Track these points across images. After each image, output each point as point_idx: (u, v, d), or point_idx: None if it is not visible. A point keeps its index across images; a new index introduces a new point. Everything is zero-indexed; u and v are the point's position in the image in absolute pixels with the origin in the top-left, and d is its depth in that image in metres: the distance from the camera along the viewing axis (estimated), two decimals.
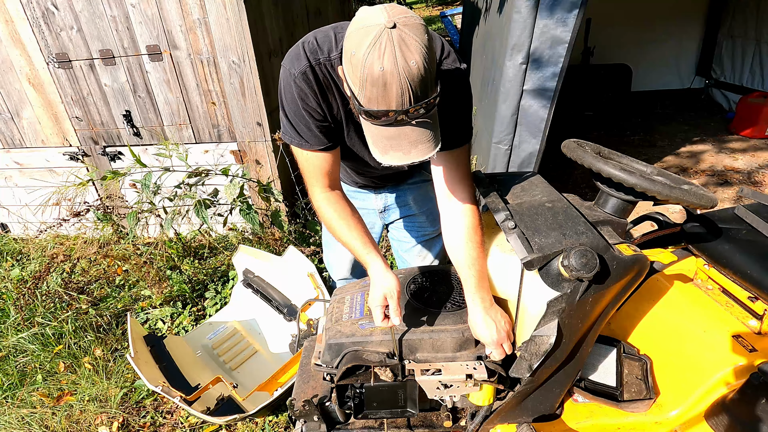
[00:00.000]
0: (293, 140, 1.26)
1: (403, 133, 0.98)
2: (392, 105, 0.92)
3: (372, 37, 0.89)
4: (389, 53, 0.88)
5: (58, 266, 3.09)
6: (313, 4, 3.91)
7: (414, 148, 0.99)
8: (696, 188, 1.17)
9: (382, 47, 0.88)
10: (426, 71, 0.91)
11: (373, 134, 1.02)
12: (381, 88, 0.91)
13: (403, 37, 0.89)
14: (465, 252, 1.20)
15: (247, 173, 3.00)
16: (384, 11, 0.91)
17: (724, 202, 3.76)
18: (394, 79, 0.89)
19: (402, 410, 1.28)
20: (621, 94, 5.88)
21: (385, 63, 0.88)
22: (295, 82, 1.16)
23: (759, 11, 5.13)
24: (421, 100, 0.93)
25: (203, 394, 1.85)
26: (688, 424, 1.15)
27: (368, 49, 0.89)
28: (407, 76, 0.89)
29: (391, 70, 0.88)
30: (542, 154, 2.84)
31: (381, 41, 0.88)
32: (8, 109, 3.17)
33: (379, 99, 0.92)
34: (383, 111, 0.93)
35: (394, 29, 0.88)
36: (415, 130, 0.98)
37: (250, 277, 2.51)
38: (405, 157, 1.00)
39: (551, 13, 2.43)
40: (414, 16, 0.93)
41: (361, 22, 0.92)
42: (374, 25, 0.89)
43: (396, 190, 1.70)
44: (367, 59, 0.89)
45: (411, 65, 0.89)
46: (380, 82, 0.90)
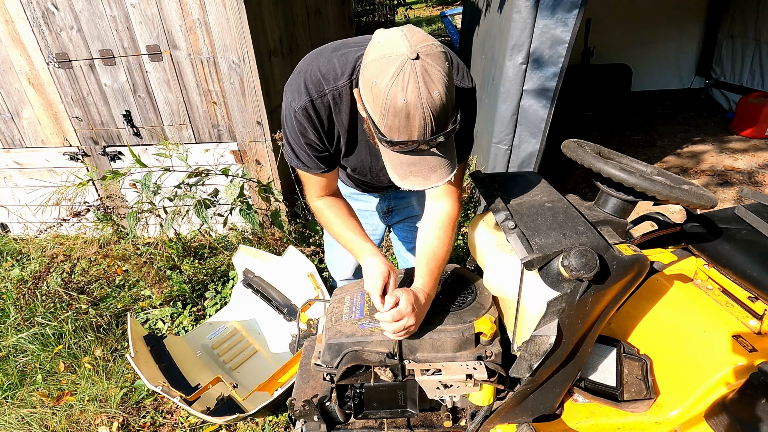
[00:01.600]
0: (292, 161, 1.29)
1: (423, 159, 0.98)
2: (414, 135, 0.93)
3: (395, 67, 0.88)
4: (413, 85, 0.87)
5: (58, 266, 3.09)
6: (313, 4, 3.91)
7: (433, 173, 1.00)
8: (696, 188, 1.17)
9: (406, 79, 0.87)
10: (447, 100, 0.91)
11: (393, 160, 1.02)
12: (404, 119, 0.91)
13: (426, 68, 0.88)
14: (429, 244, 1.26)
15: (247, 173, 3.00)
16: (405, 39, 0.90)
17: (724, 202, 3.76)
18: (417, 110, 0.89)
19: (402, 410, 1.28)
20: (621, 94, 5.88)
21: (409, 95, 0.88)
22: (295, 117, 1.17)
23: (759, 11, 5.13)
24: (442, 130, 0.94)
25: (203, 394, 1.85)
26: (688, 424, 1.15)
27: (391, 80, 0.88)
28: (430, 107, 0.89)
29: (414, 102, 0.88)
30: (542, 154, 2.84)
31: (404, 72, 0.87)
32: (8, 109, 3.17)
33: (401, 129, 0.92)
34: (404, 141, 0.94)
35: (417, 60, 0.87)
36: (434, 157, 0.99)
37: (250, 277, 2.51)
38: (424, 183, 1.01)
39: (551, 13, 2.43)
40: (435, 44, 0.92)
41: (383, 50, 0.91)
42: (397, 56, 0.88)
43: (400, 192, 1.70)
44: (390, 90, 0.88)
45: (434, 96, 0.89)
46: (403, 114, 0.90)
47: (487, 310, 1.24)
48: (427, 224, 1.31)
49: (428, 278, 1.21)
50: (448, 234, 1.28)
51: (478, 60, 4.41)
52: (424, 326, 1.18)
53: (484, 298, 1.28)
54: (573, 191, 4.25)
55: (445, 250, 1.27)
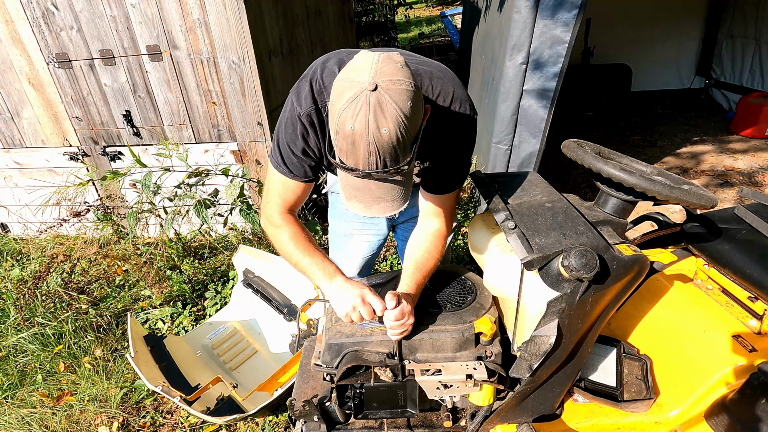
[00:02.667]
0: (279, 166, 1.25)
1: (367, 187, 0.98)
2: (359, 164, 0.93)
3: (351, 93, 0.88)
4: (362, 115, 0.87)
5: (58, 266, 3.09)
6: (313, 4, 3.91)
7: (376, 203, 1.00)
8: (696, 188, 1.17)
9: (357, 107, 0.87)
10: (399, 139, 0.90)
11: (342, 179, 1.03)
12: (350, 145, 0.91)
13: (381, 102, 0.87)
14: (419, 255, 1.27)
15: (247, 173, 3.00)
16: (372, 68, 0.89)
17: (724, 202, 3.76)
18: (362, 141, 0.89)
19: (402, 410, 1.28)
20: (621, 94, 5.88)
21: (356, 124, 0.88)
22: (300, 120, 1.16)
23: (759, 11, 5.13)
24: (388, 167, 0.93)
25: (203, 394, 1.85)
26: (688, 424, 1.15)
27: (345, 105, 0.88)
28: (376, 141, 0.89)
29: (360, 132, 0.88)
30: (542, 154, 2.84)
31: (358, 101, 0.87)
32: (8, 109, 3.17)
33: (348, 154, 0.93)
34: (350, 166, 0.95)
35: (374, 92, 0.87)
36: (380, 187, 0.98)
37: (250, 277, 2.51)
38: (366, 210, 1.02)
39: (551, 13, 2.43)
40: (403, 80, 0.90)
41: (350, 72, 0.92)
42: (357, 82, 0.88)
43: None
44: (342, 114, 0.89)
45: (382, 132, 0.88)
46: (349, 140, 0.90)
47: (487, 310, 1.24)
48: (417, 237, 1.32)
49: (414, 285, 1.22)
50: (437, 248, 1.29)
51: (478, 60, 4.41)
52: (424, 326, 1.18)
53: (484, 298, 1.28)
54: (573, 191, 4.25)
55: (433, 263, 1.28)
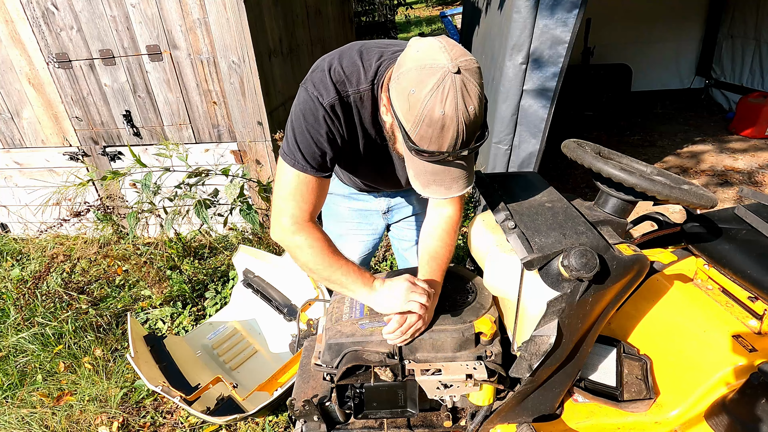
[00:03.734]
0: (296, 163, 1.16)
1: (447, 170, 1.00)
2: (444, 147, 0.94)
3: (435, 79, 0.89)
4: (452, 98, 0.89)
5: (58, 266, 3.09)
6: (313, 4, 3.91)
7: (455, 183, 1.02)
8: (696, 188, 1.17)
9: (445, 92, 0.89)
10: (480, 115, 0.94)
11: (417, 168, 1.03)
12: (438, 130, 0.92)
13: (465, 83, 0.89)
14: (432, 246, 1.28)
15: (247, 173, 3.00)
16: (446, 52, 0.91)
17: (724, 202, 3.76)
18: (452, 123, 0.91)
19: (402, 410, 1.28)
20: (621, 94, 5.88)
21: (447, 108, 0.89)
22: (324, 108, 1.12)
23: (759, 11, 5.13)
24: (471, 143, 0.96)
25: (203, 394, 1.85)
26: (688, 424, 1.15)
27: (431, 92, 0.89)
28: (465, 121, 0.91)
29: (451, 115, 0.90)
30: (542, 154, 2.84)
31: (444, 85, 0.89)
32: (8, 109, 3.17)
33: (433, 139, 0.94)
34: (433, 152, 0.95)
35: (458, 75, 0.89)
36: (458, 168, 1.01)
37: (250, 277, 2.50)
38: (446, 192, 1.03)
39: (551, 13, 2.43)
40: (472, 59, 0.93)
41: (423, 60, 0.92)
42: (438, 67, 0.89)
43: (399, 192, 1.70)
44: (429, 101, 0.89)
45: (470, 111, 0.91)
46: (438, 125, 0.91)
47: (487, 310, 1.24)
48: (430, 227, 1.32)
49: (432, 278, 1.23)
50: (451, 237, 1.30)
51: (478, 60, 4.41)
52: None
53: (484, 298, 1.28)
54: (573, 191, 4.25)
55: (448, 251, 1.29)
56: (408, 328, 1.13)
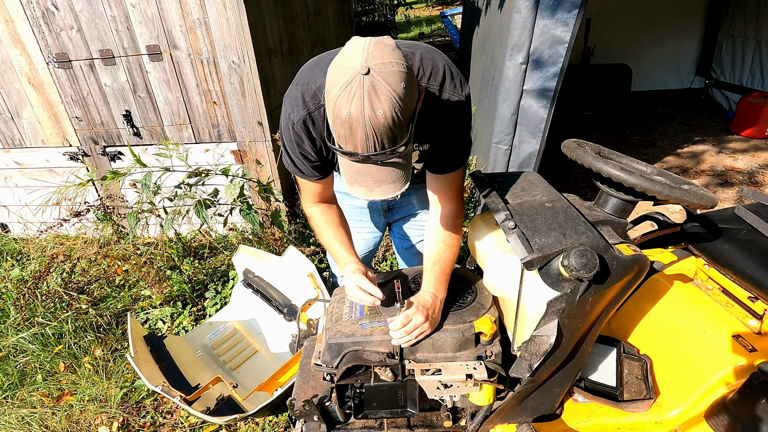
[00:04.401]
0: (290, 167, 1.32)
1: (368, 171, 1.00)
2: (357, 148, 0.94)
3: (345, 79, 0.89)
4: (357, 99, 0.88)
5: (58, 266, 3.09)
6: (313, 4, 3.91)
7: (378, 186, 1.01)
8: (696, 188, 1.17)
9: (352, 92, 0.88)
10: (394, 121, 0.91)
11: (343, 165, 1.05)
12: (347, 130, 0.92)
13: (374, 85, 0.88)
14: (435, 249, 1.29)
15: (247, 173, 2.99)
16: (364, 52, 0.90)
17: (724, 202, 3.76)
18: (359, 125, 0.90)
19: (402, 410, 1.28)
20: (621, 94, 5.88)
21: (352, 108, 0.89)
22: (293, 129, 1.19)
23: (759, 11, 5.13)
24: (386, 149, 0.94)
25: (203, 394, 1.85)
26: (688, 424, 1.15)
27: (340, 90, 0.90)
28: (372, 124, 0.90)
29: (356, 116, 0.89)
30: (542, 154, 2.84)
31: (352, 86, 0.88)
32: (8, 109, 3.17)
33: (346, 139, 0.94)
34: (349, 151, 0.96)
35: (367, 75, 0.88)
36: (381, 170, 1.00)
37: (250, 277, 2.51)
38: (368, 194, 1.03)
39: (551, 13, 2.43)
40: (395, 62, 0.91)
41: (342, 59, 0.93)
42: (350, 67, 0.89)
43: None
44: (338, 100, 0.90)
45: (378, 114, 0.89)
46: (347, 125, 0.92)
47: (487, 310, 1.24)
48: (432, 228, 1.33)
49: (436, 282, 1.23)
50: (452, 237, 1.30)
51: (478, 60, 4.41)
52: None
53: (484, 298, 1.28)
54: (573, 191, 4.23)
55: (452, 252, 1.29)
56: (413, 329, 1.13)
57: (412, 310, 1.13)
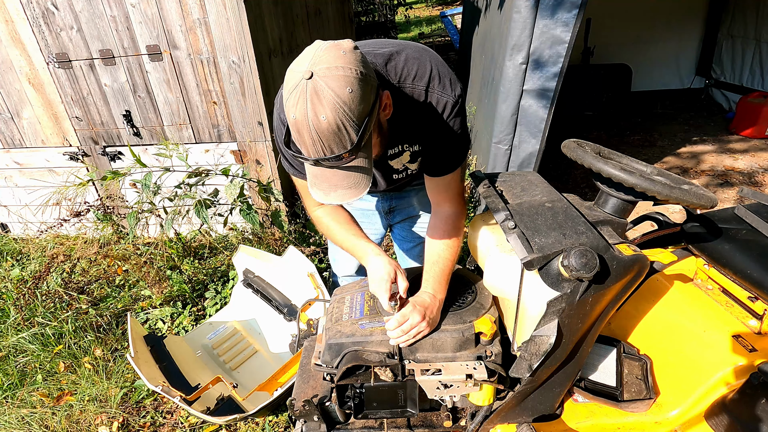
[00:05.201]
0: (289, 170, 1.32)
1: (323, 174, 1.00)
2: (308, 152, 0.95)
3: (293, 82, 0.90)
4: (301, 104, 0.88)
5: (58, 266, 3.09)
6: (313, 4, 3.91)
7: (333, 191, 1.01)
8: (696, 188, 1.17)
9: (297, 96, 0.89)
10: (339, 127, 0.89)
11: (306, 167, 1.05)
12: (296, 133, 0.93)
13: (317, 90, 0.87)
14: (435, 249, 1.28)
15: (247, 173, 3.00)
16: (311, 57, 0.90)
17: (725, 202, 3.76)
18: (303, 129, 0.91)
19: (402, 410, 1.28)
20: (621, 94, 5.88)
21: (297, 112, 0.89)
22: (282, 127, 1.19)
23: (759, 11, 5.13)
24: (334, 154, 0.93)
25: (203, 394, 1.85)
26: (688, 424, 1.15)
27: (288, 94, 0.90)
28: (316, 129, 0.89)
29: (301, 120, 0.90)
30: (542, 154, 2.84)
31: (298, 90, 0.89)
32: (8, 109, 3.17)
33: (298, 142, 0.95)
34: (302, 154, 0.97)
35: (309, 80, 0.87)
36: (336, 174, 0.99)
37: (250, 277, 2.51)
38: (324, 197, 1.03)
39: (551, 13, 2.43)
40: (342, 66, 0.89)
41: (294, 63, 0.93)
42: (297, 71, 0.90)
43: (402, 193, 1.70)
44: (287, 103, 0.91)
45: (321, 119, 0.88)
46: (295, 128, 0.92)
47: (487, 310, 1.24)
48: (433, 229, 1.32)
49: (436, 282, 1.22)
50: (454, 237, 1.29)
51: (478, 60, 4.41)
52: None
53: (484, 298, 1.28)
54: (573, 191, 4.23)
55: (453, 253, 1.28)
56: (410, 328, 1.12)
57: (408, 309, 1.13)
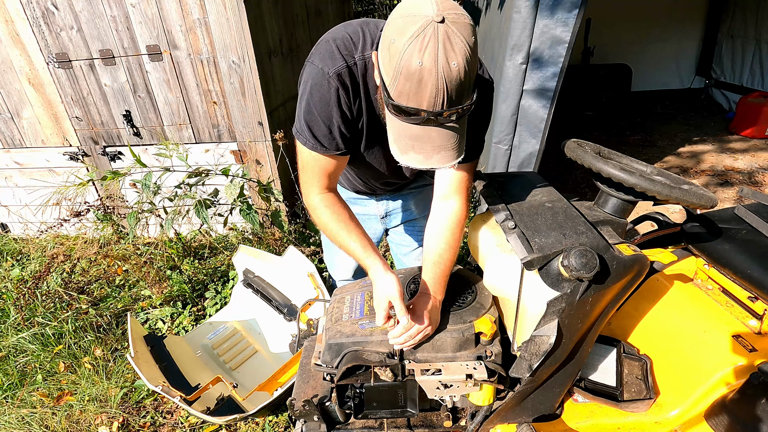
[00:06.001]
0: (307, 141, 1.15)
1: (428, 134, 0.92)
2: (423, 104, 0.87)
3: (417, 27, 0.82)
4: (431, 49, 0.82)
5: (58, 266, 3.09)
6: (313, 4, 3.91)
7: (437, 153, 0.93)
8: (696, 188, 1.17)
9: (425, 41, 0.82)
10: (466, 75, 0.85)
11: (396, 130, 0.95)
12: (415, 84, 0.85)
13: (449, 35, 0.82)
14: (436, 249, 1.22)
15: (247, 173, 3.00)
16: (434, 2, 0.84)
17: (725, 202, 3.76)
18: (431, 77, 0.83)
19: (402, 410, 1.28)
20: (621, 94, 5.88)
21: (425, 59, 0.82)
22: (329, 82, 1.07)
23: (759, 11, 5.13)
24: (454, 105, 0.88)
25: (203, 394, 1.85)
26: (688, 424, 1.15)
27: (410, 40, 0.82)
28: (445, 77, 0.83)
29: (429, 67, 0.82)
30: (542, 154, 2.84)
31: (425, 34, 0.82)
32: (8, 109, 3.17)
33: (411, 95, 0.87)
34: (413, 109, 0.88)
35: (441, 24, 0.82)
36: (441, 134, 0.92)
37: (250, 277, 2.51)
38: (425, 162, 0.94)
39: (551, 13, 2.43)
40: (465, 15, 0.86)
41: (408, 9, 0.86)
42: (421, 16, 0.82)
43: (398, 196, 1.68)
44: (407, 50, 0.83)
45: (452, 66, 0.83)
46: (416, 78, 0.84)
47: (487, 310, 1.24)
48: (434, 226, 1.27)
49: (436, 284, 1.20)
50: (455, 237, 1.25)
51: None
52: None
53: (484, 298, 1.28)
54: (573, 191, 4.23)
55: (453, 253, 1.24)
56: (417, 333, 1.11)
57: (414, 315, 1.12)
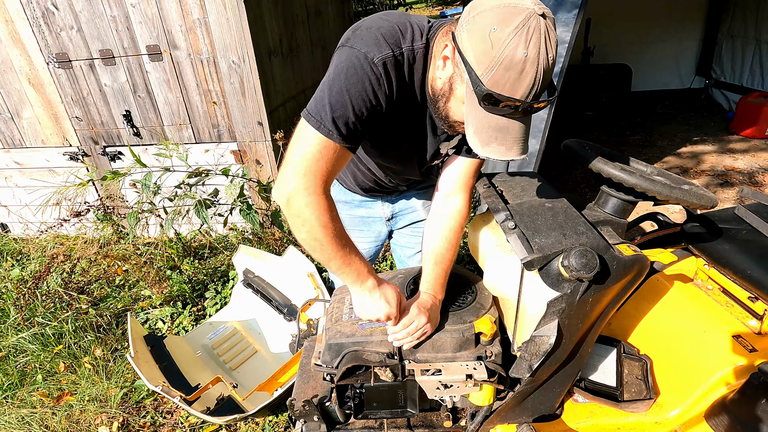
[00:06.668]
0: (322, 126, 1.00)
1: (511, 127, 0.94)
2: (518, 94, 0.88)
3: (522, 18, 0.85)
4: (535, 41, 0.85)
5: (58, 266, 3.09)
6: (313, 4, 3.91)
7: (516, 144, 0.95)
8: (696, 188, 1.17)
9: (530, 33, 0.84)
10: (552, 70, 0.90)
11: (480, 122, 0.95)
12: (516, 74, 0.87)
13: (548, 30, 0.86)
14: (437, 248, 1.24)
15: (248, 173, 3.00)
16: None
17: (725, 202, 3.76)
18: (532, 68, 0.86)
19: (402, 410, 1.28)
20: (621, 94, 5.88)
21: (530, 50, 0.85)
22: (372, 67, 1.00)
23: (759, 11, 5.13)
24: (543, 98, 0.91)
25: (203, 394, 1.85)
26: (688, 424, 1.15)
27: (516, 30, 0.84)
28: (544, 69, 0.87)
29: (533, 59, 0.85)
30: (542, 154, 2.84)
31: (530, 26, 0.84)
32: (8, 109, 3.17)
33: (508, 85, 0.88)
34: (507, 98, 0.89)
35: (543, 18, 0.85)
36: (521, 127, 0.94)
37: (250, 277, 2.51)
38: (506, 153, 0.96)
39: (551, 13, 2.43)
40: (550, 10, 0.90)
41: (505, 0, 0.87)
42: (523, 8, 0.85)
43: (404, 197, 1.66)
44: (512, 41, 0.84)
45: (549, 60, 0.87)
46: (518, 68, 0.86)
47: (487, 310, 1.24)
48: (437, 224, 1.27)
49: (437, 284, 1.21)
50: (457, 236, 1.26)
51: None
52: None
53: (484, 298, 1.28)
54: (573, 191, 4.23)
55: (453, 252, 1.25)
56: (415, 330, 1.12)
57: (414, 312, 1.13)
